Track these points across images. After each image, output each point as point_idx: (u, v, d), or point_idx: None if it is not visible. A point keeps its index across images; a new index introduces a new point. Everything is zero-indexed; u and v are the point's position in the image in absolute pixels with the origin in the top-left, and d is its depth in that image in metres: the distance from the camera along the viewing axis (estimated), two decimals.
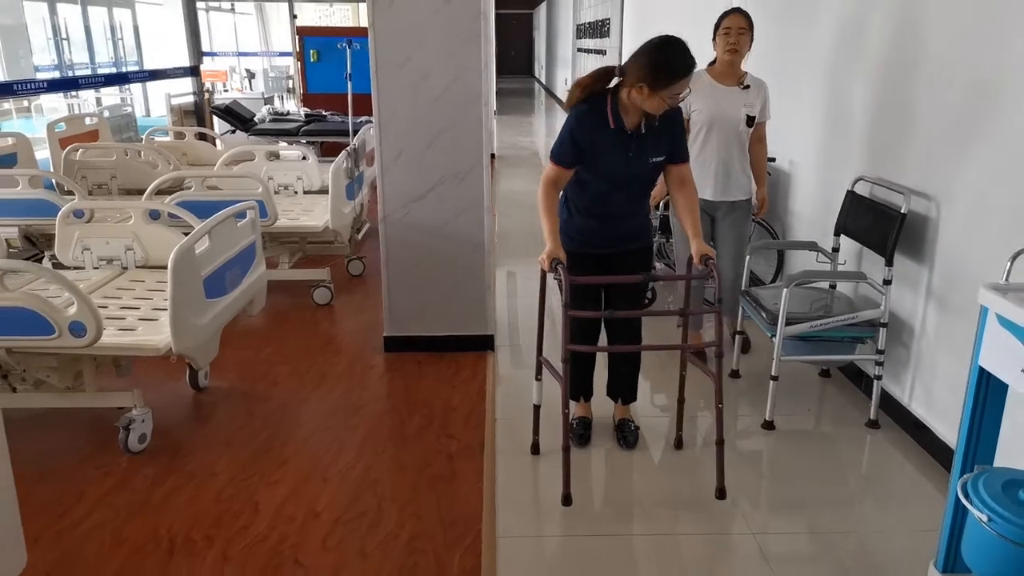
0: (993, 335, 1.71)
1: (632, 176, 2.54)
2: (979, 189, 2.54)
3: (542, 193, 2.53)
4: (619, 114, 2.45)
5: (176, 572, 2.19)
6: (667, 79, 2.31)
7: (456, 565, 2.23)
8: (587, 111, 2.48)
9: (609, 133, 2.46)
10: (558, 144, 2.51)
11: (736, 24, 3.23)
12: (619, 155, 2.48)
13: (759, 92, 3.36)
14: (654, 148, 2.51)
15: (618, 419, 2.94)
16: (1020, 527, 1.65)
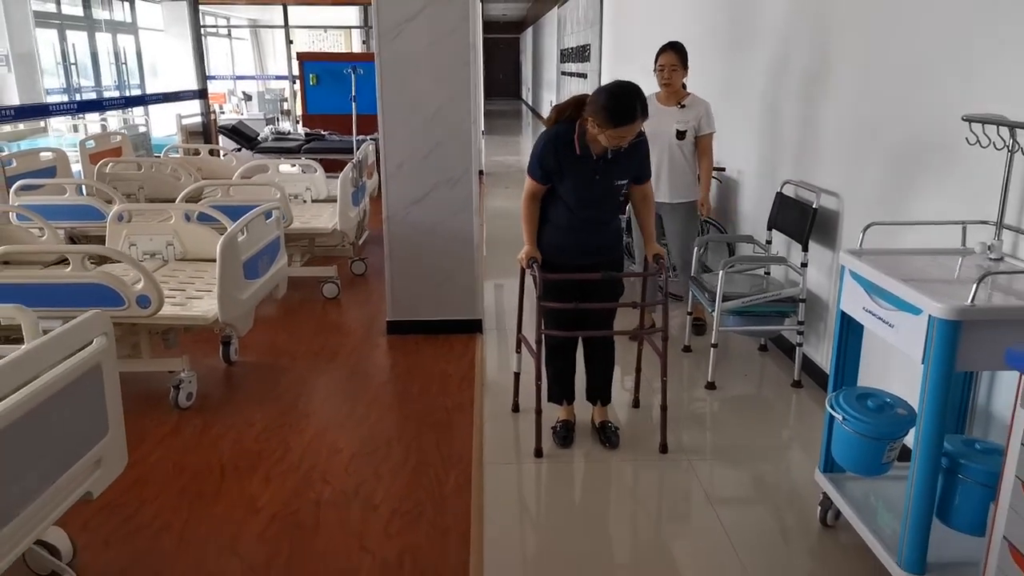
0: (849, 287, 2.32)
1: (599, 196, 2.82)
2: (870, 187, 3.18)
3: (524, 204, 2.90)
4: (585, 141, 2.72)
5: (229, 488, 2.76)
6: (616, 123, 2.57)
7: (451, 482, 2.81)
8: (554, 136, 2.75)
9: (576, 158, 2.73)
10: (531, 162, 2.84)
11: (668, 62, 3.86)
12: (586, 178, 2.76)
13: (696, 110, 3.92)
14: (620, 172, 2.79)
15: (598, 422, 3.18)
16: (866, 424, 2.25)
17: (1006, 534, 1.62)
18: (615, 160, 2.76)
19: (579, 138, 2.73)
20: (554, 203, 2.89)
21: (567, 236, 2.91)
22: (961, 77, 2.56)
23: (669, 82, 3.89)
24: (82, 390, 2.05)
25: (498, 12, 25.59)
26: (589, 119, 2.65)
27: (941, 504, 2.06)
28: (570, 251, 2.93)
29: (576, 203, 2.84)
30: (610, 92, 2.63)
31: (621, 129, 2.60)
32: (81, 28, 12.14)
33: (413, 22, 3.94)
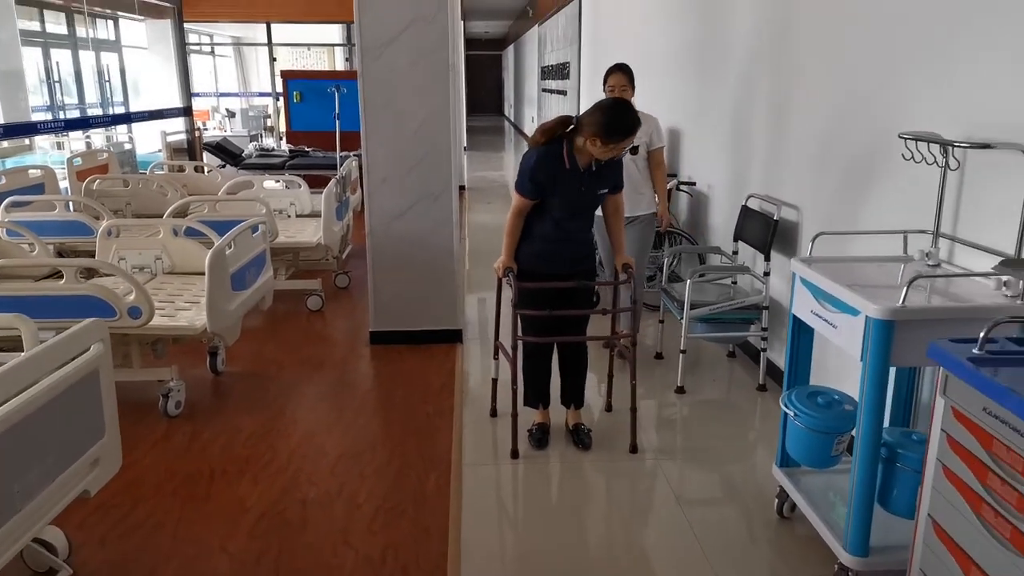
0: (799, 292, 2.49)
1: (584, 205, 3.05)
2: (826, 199, 3.37)
3: (510, 219, 3.06)
4: (574, 156, 2.94)
5: (219, 490, 2.89)
6: (620, 136, 2.83)
7: (432, 482, 2.95)
8: (545, 154, 2.95)
9: (565, 172, 2.94)
10: (521, 180, 3.00)
11: (618, 83, 3.91)
12: (574, 189, 2.97)
13: (647, 126, 3.91)
14: (601, 182, 3.03)
15: (572, 424, 3.34)
16: (815, 419, 2.43)
17: (930, 512, 1.79)
18: (598, 172, 3.00)
19: (568, 154, 2.95)
20: (539, 217, 3.05)
21: (550, 246, 3.08)
22: (903, 100, 2.76)
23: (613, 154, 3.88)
24: (80, 394, 2.18)
25: (480, 30, 25.93)
26: (587, 135, 2.87)
27: (882, 491, 2.23)
28: (551, 261, 3.09)
29: (563, 214, 3.02)
30: (610, 109, 2.89)
31: (620, 143, 2.87)
32: (65, 46, 12.25)
33: (395, 43, 4.11)
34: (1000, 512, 1.53)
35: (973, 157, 2.38)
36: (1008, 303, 2.08)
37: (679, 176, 5.38)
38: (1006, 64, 2.24)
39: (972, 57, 2.38)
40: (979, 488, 1.60)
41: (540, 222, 3.06)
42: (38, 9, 11.27)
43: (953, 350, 1.69)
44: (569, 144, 2.95)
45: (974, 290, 2.21)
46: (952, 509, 1.70)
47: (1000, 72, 2.27)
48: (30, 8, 11.06)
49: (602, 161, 2.96)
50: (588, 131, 2.86)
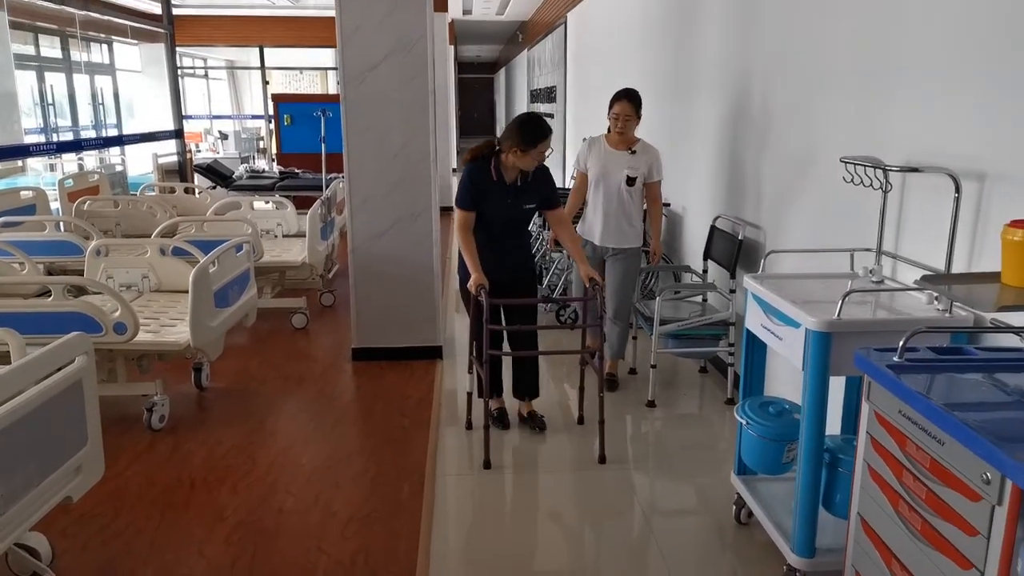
0: (751, 307, 2.63)
1: (513, 217, 3.39)
2: (783, 220, 3.52)
3: (460, 235, 3.33)
4: (500, 171, 3.30)
5: (198, 499, 2.99)
6: (534, 142, 3.21)
7: (405, 491, 3.06)
8: (476, 168, 3.33)
9: (493, 185, 3.30)
10: (460, 194, 3.33)
11: (623, 111, 3.78)
12: (502, 201, 3.32)
13: (647, 157, 3.85)
14: (528, 197, 3.37)
15: (526, 412, 3.66)
16: (766, 427, 2.55)
17: (860, 511, 1.91)
18: (524, 188, 3.37)
19: (495, 168, 3.31)
20: (480, 230, 3.38)
21: (488, 253, 3.36)
22: (852, 127, 2.92)
23: (623, 131, 3.83)
24: (64, 403, 2.29)
25: (472, 54, 26.30)
26: (508, 150, 3.25)
27: (826, 495, 2.35)
28: (494, 268, 3.33)
29: (495, 224, 3.37)
30: (521, 122, 3.28)
31: (535, 149, 3.22)
32: (59, 70, 12.43)
33: (377, 70, 4.27)
34: (913, 507, 1.66)
35: (909, 180, 2.53)
36: (938, 316, 2.22)
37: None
38: (937, 95, 2.40)
39: (908, 90, 2.54)
40: (897, 485, 1.73)
41: (478, 233, 3.37)
42: (33, 33, 11.46)
43: (875, 358, 1.82)
44: (496, 160, 3.32)
45: (911, 304, 2.35)
46: (876, 507, 1.82)
47: (933, 103, 2.42)
48: (25, 32, 11.25)
49: (529, 177, 3.34)
50: (507, 145, 3.24)
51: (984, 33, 2.20)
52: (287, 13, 14.59)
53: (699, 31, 4.76)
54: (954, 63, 2.32)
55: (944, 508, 1.55)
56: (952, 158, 2.31)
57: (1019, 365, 1.80)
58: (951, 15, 2.34)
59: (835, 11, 3.05)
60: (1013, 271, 1.85)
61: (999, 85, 2.14)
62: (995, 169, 2.16)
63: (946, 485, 1.55)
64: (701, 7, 4.73)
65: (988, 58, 2.18)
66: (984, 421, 1.50)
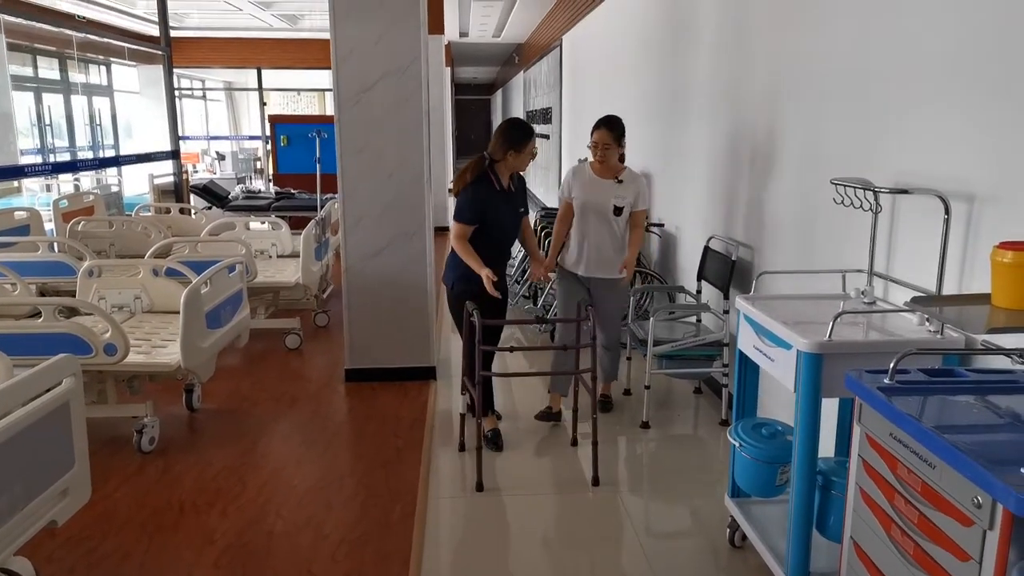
0: (743, 327, 2.62)
1: (514, 224, 3.58)
2: (776, 241, 3.53)
3: (458, 245, 3.46)
4: (499, 179, 3.49)
5: (187, 523, 2.95)
6: (525, 140, 3.44)
7: (397, 513, 3.03)
8: (477, 184, 3.47)
9: (497, 194, 3.48)
10: (462, 209, 3.45)
11: (601, 140, 3.68)
12: (505, 208, 3.51)
13: (633, 185, 3.72)
14: (520, 201, 3.61)
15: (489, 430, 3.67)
16: (759, 449, 2.54)
17: (852, 535, 1.89)
18: (515, 192, 3.58)
19: (496, 178, 3.49)
20: (480, 243, 3.46)
21: (491, 267, 3.43)
22: (843, 149, 2.94)
23: (603, 160, 3.73)
24: (51, 426, 2.26)
25: (469, 75, 26.49)
26: (503, 156, 3.44)
27: (819, 519, 2.33)
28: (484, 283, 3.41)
29: (496, 233, 3.52)
30: (509, 126, 3.51)
31: (530, 143, 3.45)
32: (57, 91, 12.49)
33: (370, 91, 4.29)
34: (905, 531, 1.64)
35: (900, 202, 2.54)
36: (929, 337, 2.22)
37: (649, 218, 5.55)
38: (927, 118, 2.41)
39: (899, 113, 2.56)
40: (889, 509, 1.71)
41: (483, 247, 3.47)
42: (31, 55, 11.53)
43: (866, 380, 1.81)
44: (493, 171, 3.48)
45: (902, 325, 2.35)
46: (869, 531, 1.80)
47: (923, 125, 2.44)
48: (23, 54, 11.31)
49: (513, 183, 3.56)
50: (502, 152, 3.44)
51: (974, 56, 2.22)
52: (285, 35, 14.71)
53: (693, 54, 4.80)
54: (944, 86, 2.34)
55: (936, 532, 1.54)
56: (942, 180, 2.32)
57: (1010, 387, 1.79)
58: (941, 38, 2.36)
59: (827, 34, 3.07)
60: (1003, 293, 1.85)
61: (988, 107, 2.15)
62: (984, 191, 2.16)
63: (938, 509, 1.53)
64: (695, 30, 4.77)
65: (977, 81, 2.20)
66: (975, 444, 1.49)
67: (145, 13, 12.12)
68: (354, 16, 4.19)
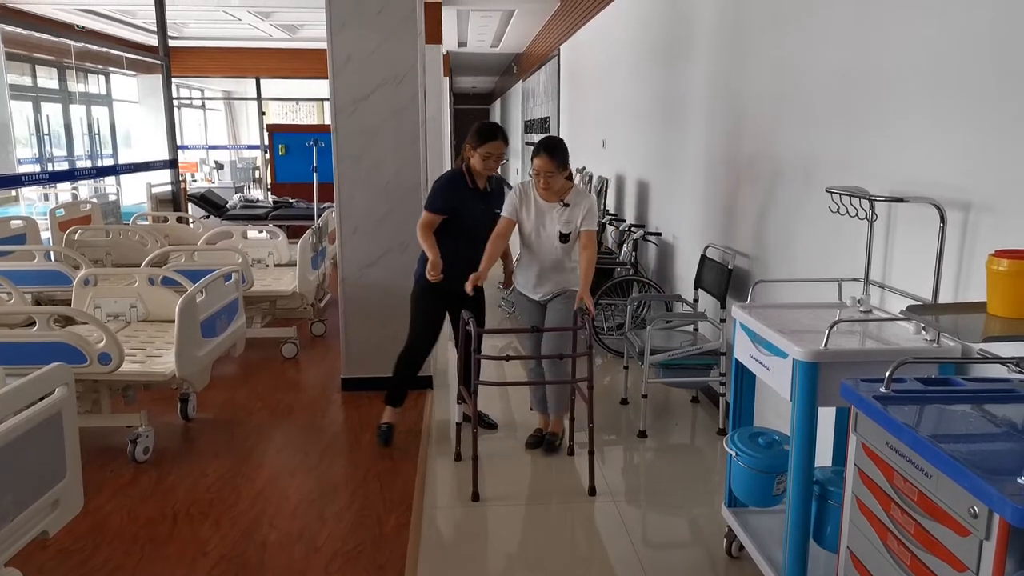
0: (740, 336, 2.61)
1: (485, 224, 3.55)
2: (772, 250, 3.52)
3: (421, 231, 3.55)
4: (473, 178, 3.59)
5: (181, 533, 2.93)
6: (484, 139, 3.50)
7: (391, 523, 3.01)
8: (451, 175, 3.62)
9: (468, 190, 3.58)
10: (431, 197, 3.58)
11: (543, 168, 3.35)
12: (477, 206, 3.59)
13: (581, 206, 3.43)
14: (496, 203, 3.61)
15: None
16: (755, 458, 2.52)
17: (849, 545, 1.88)
18: (491, 193, 3.65)
19: (468, 175, 3.59)
20: (447, 235, 3.55)
21: (452, 263, 3.48)
22: (839, 158, 2.94)
23: (547, 186, 3.40)
24: (43, 435, 2.25)
25: (468, 85, 26.57)
26: (471, 155, 3.53)
27: (816, 528, 2.31)
28: (451, 276, 3.46)
29: (466, 231, 3.57)
30: (476, 126, 3.59)
31: (490, 144, 3.50)
32: (56, 100, 12.51)
33: (367, 101, 4.29)
34: (902, 541, 1.63)
35: (895, 210, 2.54)
36: (925, 346, 2.21)
37: (647, 227, 5.55)
38: (921, 128, 2.41)
39: (894, 122, 2.56)
40: (885, 519, 1.70)
41: (447, 242, 3.53)
42: (30, 64, 11.55)
43: (862, 389, 1.80)
44: (467, 168, 3.58)
45: (898, 334, 2.34)
46: (865, 541, 1.79)
47: (916, 135, 2.44)
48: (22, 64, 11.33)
49: (491, 186, 3.66)
50: (471, 151, 3.54)
51: (969, 65, 2.22)
52: (283, 45, 14.75)
53: (690, 63, 4.81)
54: (939, 94, 2.34)
55: (932, 543, 1.52)
56: (937, 188, 2.32)
57: (1007, 396, 1.78)
58: (936, 47, 2.36)
59: (822, 43, 3.08)
60: (999, 301, 1.84)
61: (983, 116, 2.15)
62: (980, 199, 2.16)
63: (934, 519, 1.52)
64: (691, 40, 4.78)
65: (973, 89, 2.20)
66: (972, 453, 1.48)
67: (144, 23, 12.15)
68: (351, 25, 4.19)
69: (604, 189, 6.59)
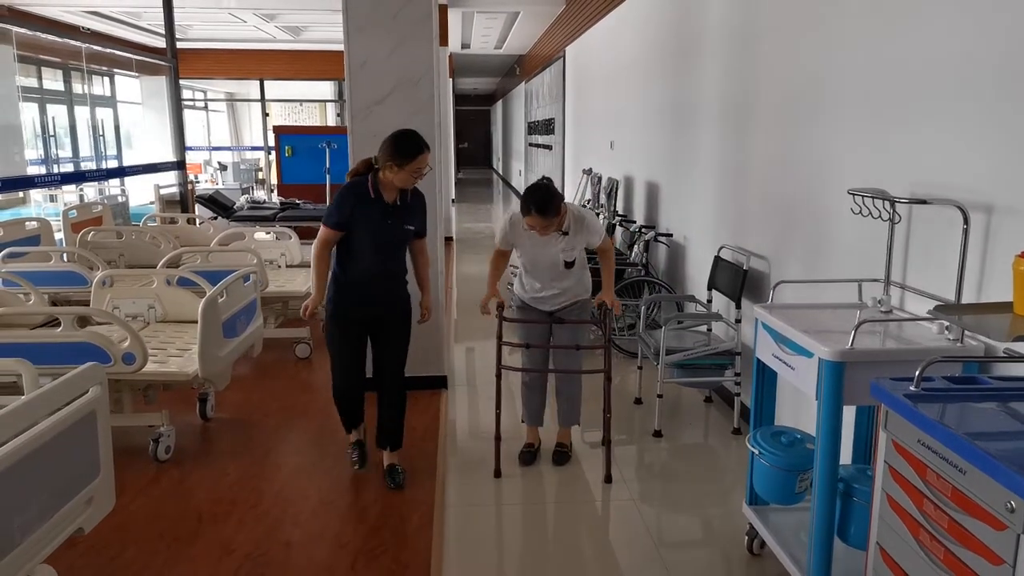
0: (762, 336, 2.65)
1: (389, 241, 3.19)
2: (790, 251, 3.56)
3: (316, 256, 3.16)
4: (379, 189, 3.12)
5: (205, 532, 2.96)
6: (408, 156, 3.03)
7: (414, 522, 3.04)
8: (351, 186, 3.15)
9: (371, 203, 3.11)
10: (328, 212, 3.16)
11: (536, 224, 3.22)
12: (379, 221, 3.12)
13: (581, 230, 3.34)
14: (407, 219, 3.21)
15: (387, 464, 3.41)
16: (779, 457, 2.56)
17: (878, 540, 1.91)
18: (404, 207, 3.20)
19: (373, 186, 3.13)
20: (349, 256, 3.18)
21: (354, 286, 3.19)
22: (855, 160, 2.97)
23: (546, 233, 3.30)
24: (78, 434, 2.28)
25: (470, 87, 26.60)
26: (385, 166, 3.08)
27: (841, 526, 2.34)
28: (354, 302, 3.21)
29: (366, 248, 3.15)
30: (396, 137, 3.10)
31: (415, 162, 3.05)
32: (61, 102, 12.54)
33: (383, 104, 4.32)
34: (935, 536, 1.66)
35: (916, 212, 2.57)
36: (949, 345, 2.24)
37: (657, 228, 5.59)
38: (943, 130, 2.45)
39: (915, 124, 2.59)
40: (917, 514, 1.73)
41: (350, 262, 3.18)
42: (36, 66, 11.58)
43: (892, 388, 1.83)
44: (374, 179, 3.14)
45: (921, 334, 2.38)
46: (896, 536, 1.82)
47: (938, 137, 2.47)
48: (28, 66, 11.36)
49: (408, 198, 3.21)
50: (384, 162, 3.08)
51: (991, 66, 2.25)
52: (287, 47, 14.78)
53: (701, 63, 4.84)
54: (961, 96, 2.37)
55: (967, 537, 1.55)
56: (960, 190, 2.35)
57: None
58: (958, 48, 2.40)
59: (841, 42, 3.11)
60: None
61: (1006, 118, 2.18)
62: (1003, 201, 2.19)
63: (969, 514, 1.55)
64: (703, 39, 4.82)
65: (995, 91, 2.23)
66: (1005, 450, 1.51)
67: (150, 25, 12.18)
68: (368, 28, 4.22)
69: (614, 190, 6.63)
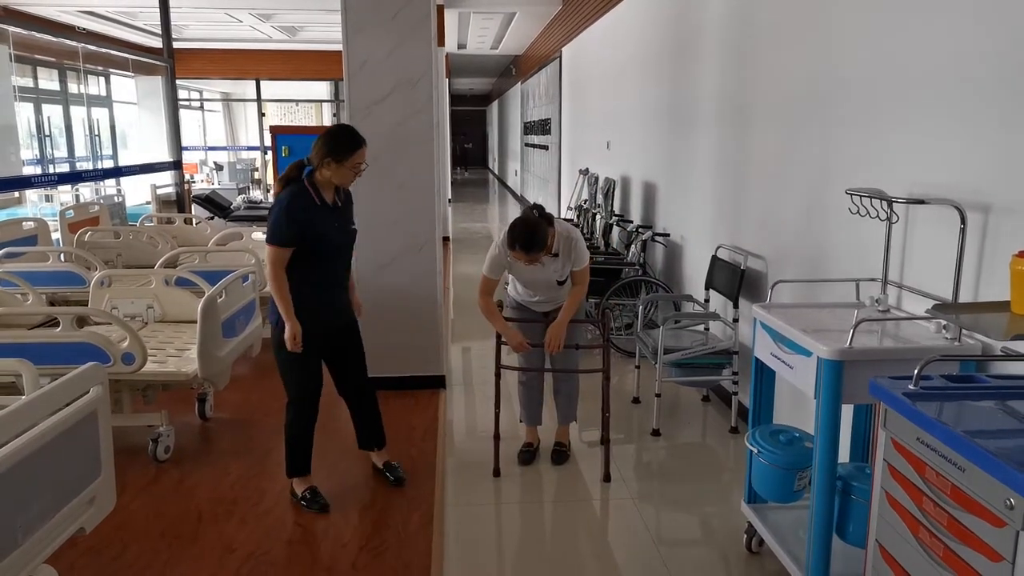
0: (760, 335, 2.66)
1: (344, 243, 3.08)
2: (788, 251, 3.58)
3: (273, 278, 2.89)
4: (320, 192, 2.95)
5: (206, 531, 2.97)
6: (348, 151, 2.89)
7: (415, 521, 3.05)
8: (294, 195, 2.89)
9: (318, 208, 2.93)
10: (275, 229, 2.87)
11: (527, 260, 3.19)
12: (331, 224, 2.97)
13: (569, 250, 3.31)
14: (350, 219, 3.11)
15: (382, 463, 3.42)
16: (777, 455, 2.57)
17: (878, 538, 1.93)
18: (344, 208, 3.09)
19: (314, 190, 2.94)
20: (306, 270, 2.95)
21: (320, 296, 3.03)
22: (852, 161, 2.99)
23: (533, 264, 3.26)
24: (79, 434, 2.28)
25: (465, 87, 26.61)
26: (322, 165, 2.91)
27: (840, 524, 2.36)
28: (325, 314, 3.07)
29: (327, 255, 3.00)
30: (332, 134, 2.95)
31: (355, 156, 2.92)
32: (57, 102, 12.51)
33: (382, 104, 4.33)
34: (934, 533, 1.68)
35: (913, 212, 2.59)
36: (946, 344, 2.26)
37: (654, 227, 5.61)
38: (941, 131, 2.47)
39: (913, 124, 2.61)
40: (916, 512, 1.75)
41: (306, 273, 2.97)
42: (32, 66, 11.55)
43: (890, 386, 1.85)
44: (311, 183, 2.94)
45: (919, 333, 2.39)
46: (895, 534, 1.84)
47: (936, 137, 2.49)
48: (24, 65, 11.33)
49: (342, 197, 3.06)
50: (320, 160, 2.90)
51: (989, 66, 2.27)
52: (284, 47, 14.77)
53: (699, 63, 4.86)
54: (959, 96, 2.39)
55: (966, 534, 1.57)
56: (957, 190, 2.37)
57: None
58: (955, 48, 2.42)
59: (839, 43, 3.13)
60: (1023, 300, 1.89)
61: (1004, 118, 2.20)
62: (1000, 201, 2.21)
63: (968, 511, 1.57)
64: (700, 40, 4.84)
65: (992, 92, 2.25)
66: (1004, 447, 1.53)
67: (145, 25, 12.16)
68: (367, 29, 4.23)
69: (611, 190, 6.65)
